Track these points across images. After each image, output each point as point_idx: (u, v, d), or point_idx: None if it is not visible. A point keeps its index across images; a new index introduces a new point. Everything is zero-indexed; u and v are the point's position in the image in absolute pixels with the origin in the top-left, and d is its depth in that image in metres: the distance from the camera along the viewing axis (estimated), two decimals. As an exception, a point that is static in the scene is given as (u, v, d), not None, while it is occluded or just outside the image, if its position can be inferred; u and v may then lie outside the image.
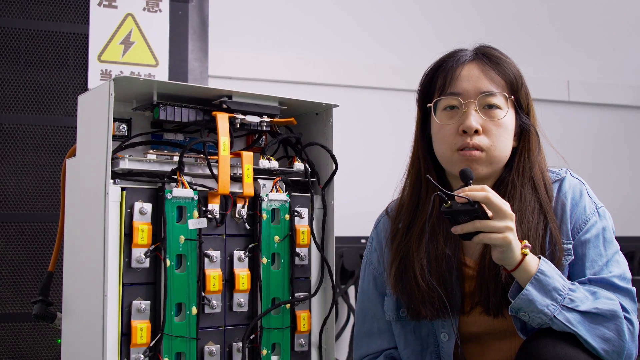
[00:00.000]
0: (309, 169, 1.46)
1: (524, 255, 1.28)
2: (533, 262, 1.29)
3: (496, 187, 1.43)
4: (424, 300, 1.40)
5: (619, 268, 1.38)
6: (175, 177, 1.28)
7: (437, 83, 1.46)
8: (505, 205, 1.26)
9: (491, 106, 1.41)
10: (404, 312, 1.48)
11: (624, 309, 1.32)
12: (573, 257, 1.39)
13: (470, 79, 1.42)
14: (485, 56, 1.45)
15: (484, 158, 1.40)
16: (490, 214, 1.26)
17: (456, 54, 1.47)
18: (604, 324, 1.28)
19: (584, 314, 1.28)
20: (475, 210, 1.24)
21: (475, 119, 1.40)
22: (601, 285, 1.35)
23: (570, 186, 1.44)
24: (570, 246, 1.39)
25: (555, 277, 1.29)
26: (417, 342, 1.48)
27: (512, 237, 1.26)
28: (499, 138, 1.40)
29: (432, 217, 1.43)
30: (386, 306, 1.51)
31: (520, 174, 1.43)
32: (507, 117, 1.41)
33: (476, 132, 1.40)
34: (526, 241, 1.31)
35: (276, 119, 1.42)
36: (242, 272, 1.34)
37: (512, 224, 1.26)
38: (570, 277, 1.37)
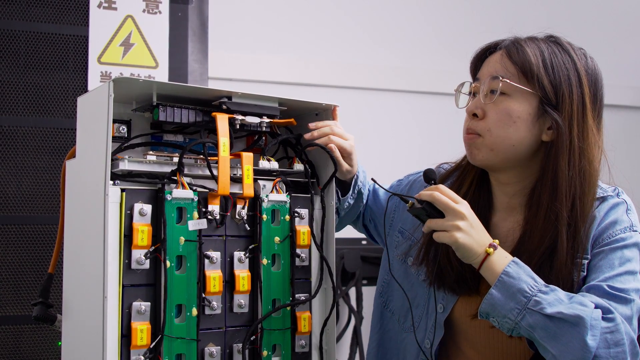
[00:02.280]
0: (309, 170, 1.46)
1: (487, 254, 1.25)
2: (500, 262, 1.24)
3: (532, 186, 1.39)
4: (441, 270, 1.40)
5: (623, 285, 1.27)
6: (175, 178, 1.28)
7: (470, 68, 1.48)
8: (453, 204, 1.25)
9: (494, 91, 1.36)
10: (410, 260, 1.49)
11: (606, 311, 1.20)
12: (585, 274, 1.31)
13: (489, 65, 1.40)
14: (513, 43, 1.39)
15: (479, 143, 1.37)
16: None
17: (497, 42, 1.43)
18: (568, 330, 1.18)
19: (550, 318, 1.19)
20: (425, 209, 1.27)
21: (475, 103, 1.39)
22: (593, 292, 1.26)
23: (610, 203, 1.37)
24: (586, 262, 1.32)
25: (523, 278, 1.23)
26: (410, 292, 1.48)
27: (461, 235, 1.23)
28: (497, 124, 1.35)
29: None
30: (397, 242, 1.54)
31: (542, 173, 1.36)
32: (510, 103, 1.35)
33: (476, 116, 1.38)
34: (497, 240, 1.27)
35: (276, 120, 1.41)
36: (242, 273, 1.34)
37: (461, 223, 1.24)
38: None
